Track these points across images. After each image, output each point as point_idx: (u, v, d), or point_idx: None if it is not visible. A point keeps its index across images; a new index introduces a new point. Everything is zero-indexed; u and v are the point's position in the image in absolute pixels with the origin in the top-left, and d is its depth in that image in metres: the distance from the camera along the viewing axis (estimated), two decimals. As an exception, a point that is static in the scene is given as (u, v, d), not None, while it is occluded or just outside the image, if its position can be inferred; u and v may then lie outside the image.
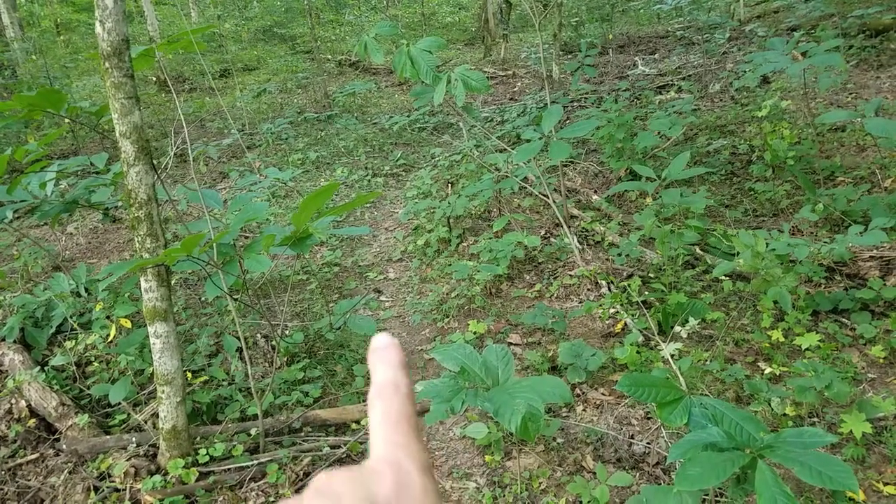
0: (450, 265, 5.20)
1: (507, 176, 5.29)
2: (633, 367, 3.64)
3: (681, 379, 2.59)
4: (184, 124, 3.53)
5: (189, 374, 3.71)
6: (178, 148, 4.24)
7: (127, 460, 3.07)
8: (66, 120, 3.80)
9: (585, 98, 8.99)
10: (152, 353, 2.87)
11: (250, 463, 3.07)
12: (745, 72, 9.34)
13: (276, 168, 7.66)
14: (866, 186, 5.22)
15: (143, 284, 2.76)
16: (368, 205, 6.99)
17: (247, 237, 6.02)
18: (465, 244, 5.54)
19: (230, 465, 3.08)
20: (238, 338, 4.11)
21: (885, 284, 3.73)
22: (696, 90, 9.09)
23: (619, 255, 4.51)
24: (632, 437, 3.18)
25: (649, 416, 3.34)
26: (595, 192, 6.46)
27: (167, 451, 3.02)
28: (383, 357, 0.46)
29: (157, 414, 3.14)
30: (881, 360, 3.46)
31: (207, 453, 3.04)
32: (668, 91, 9.29)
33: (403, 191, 7.23)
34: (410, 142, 8.86)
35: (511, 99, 10.59)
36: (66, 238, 7.38)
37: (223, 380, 3.68)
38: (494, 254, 4.86)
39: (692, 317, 3.99)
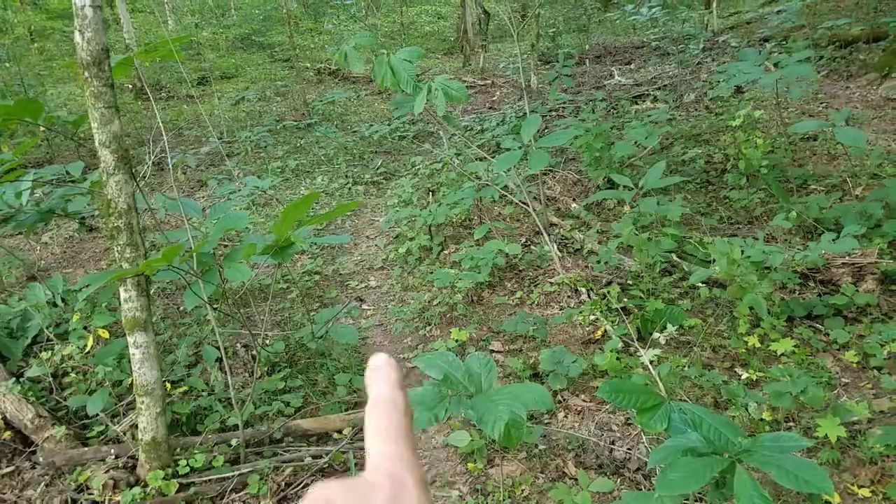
0: (431, 273, 5.22)
1: (487, 184, 5.33)
2: (613, 374, 3.68)
3: (660, 385, 2.62)
4: (163, 132, 3.51)
5: (168, 385, 3.67)
6: (156, 156, 4.22)
7: (105, 472, 3.03)
8: (42, 129, 3.75)
9: (563, 107, 9.08)
10: (132, 364, 2.85)
11: (231, 474, 3.05)
12: (718, 82, 9.52)
13: (255, 176, 7.65)
14: (838, 194, 5.35)
15: (123, 294, 2.74)
16: (349, 213, 6.99)
17: (226, 246, 5.99)
18: (446, 252, 5.56)
19: (211, 476, 3.05)
20: (217, 348, 4.09)
21: (857, 290, 3.82)
22: (671, 100, 9.23)
23: (598, 262, 4.56)
24: (612, 443, 3.21)
25: (629, 422, 3.38)
26: (574, 200, 6.52)
27: (147, 463, 2.99)
28: (381, 374, 0.47)
29: (137, 425, 3.11)
30: (854, 365, 3.54)
31: (188, 464, 3.02)
32: (643, 101, 9.42)
33: (384, 199, 7.24)
34: (391, 150, 8.88)
35: (490, 108, 10.66)
36: (42, 248, 7.27)
37: (202, 390, 3.65)
38: (476, 261, 4.89)
39: (670, 323, 4.05)
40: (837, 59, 9.07)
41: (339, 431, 3.46)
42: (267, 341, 4.31)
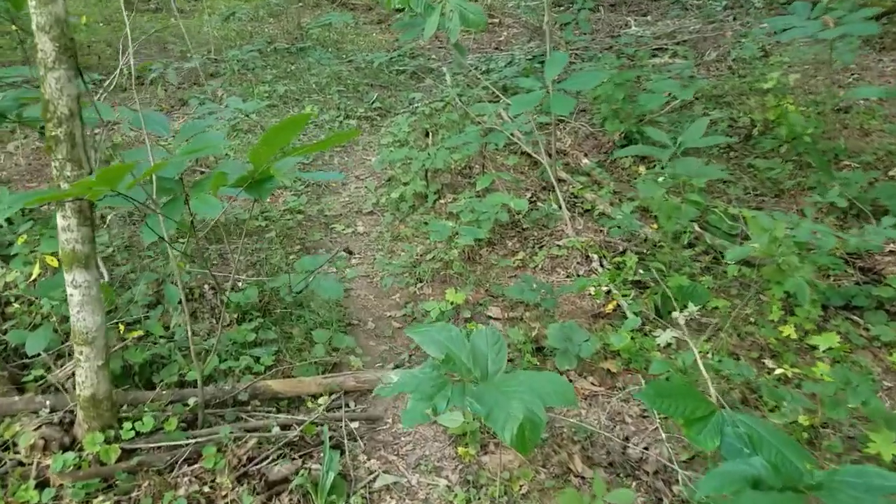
0: (426, 223, 4.73)
1: (495, 129, 4.79)
2: (627, 356, 3.27)
3: (710, 386, 2.20)
4: (129, 38, 2.96)
5: (122, 327, 3.19)
6: (125, 64, 3.64)
7: (36, 429, 2.58)
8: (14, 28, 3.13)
9: (576, 54, 8.46)
10: (69, 307, 2.36)
11: (185, 442, 2.60)
12: (742, 41, 8.95)
13: (239, 98, 7.01)
14: (876, 173, 4.90)
15: (60, 222, 2.23)
16: (339, 148, 6.42)
17: (202, 172, 5.42)
18: (442, 201, 5.06)
19: (160, 442, 2.61)
20: (183, 288, 3.60)
21: (905, 283, 3.41)
22: (691, 56, 8.65)
23: (617, 227, 4.09)
24: (627, 438, 2.81)
25: (645, 413, 2.98)
26: (586, 155, 6.01)
27: (85, 422, 2.53)
28: None
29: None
30: (898, 367, 3.15)
31: (133, 428, 2.57)
32: (663, 55, 8.83)
33: (378, 136, 6.67)
34: (388, 84, 8.24)
35: (496, 48, 9.98)
36: (5, 157, 6.63)
37: (161, 336, 3.18)
38: (476, 215, 4.40)
39: (693, 302, 3.63)
40: (872, 28, 8.48)
41: (315, 397, 3.02)
42: (239, 284, 3.83)
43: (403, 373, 2.05)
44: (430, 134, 6.40)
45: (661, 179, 5.13)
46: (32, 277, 3.53)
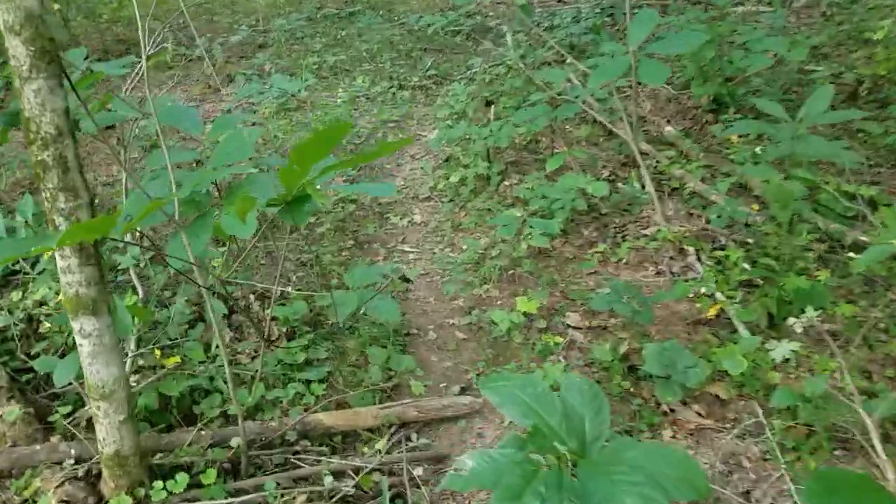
0: (489, 210, 4.23)
1: (567, 99, 4.21)
2: (739, 378, 2.73)
3: (875, 440, 1.67)
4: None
5: (157, 353, 2.85)
6: (155, 44, 3.23)
7: (59, 486, 2.27)
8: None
9: (648, 4, 7.65)
10: (80, 358, 2.00)
11: (226, 502, 2.25)
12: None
13: (287, 74, 6.59)
14: None
15: (59, 262, 1.85)
16: (391, 124, 5.94)
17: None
18: (507, 183, 4.54)
19: (197, 501, 2.26)
20: (226, 299, 3.24)
21: None
22: (777, 3, 7.71)
23: (717, 216, 3.50)
24: (747, 493, 2.31)
25: (767, 457, 2.46)
26: (668, 121, 5.35)
27: (111, 480, 2.20)
28: None
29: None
30: None
31: (164, 488, 2.22)
32: (747, 1, 7.91)
33: (433, 108, 6.15)
34: (443, 48, 7.66)
35: (560, 1, 9.21)
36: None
37: (201, 362, 2.82)
38: (548, 202, 3.88)
39: (811, 306, 3.05)
40: None
41: (371, 430, 2.63)
42: (289, 289, 3.45)
43: (479, 456, 1.60)
44: (491, 104, 5.85)
45: (758, 150, 4.47)
46: (61, 297, 3.23)
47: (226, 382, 2.79)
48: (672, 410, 2.66)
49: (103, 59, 6.89)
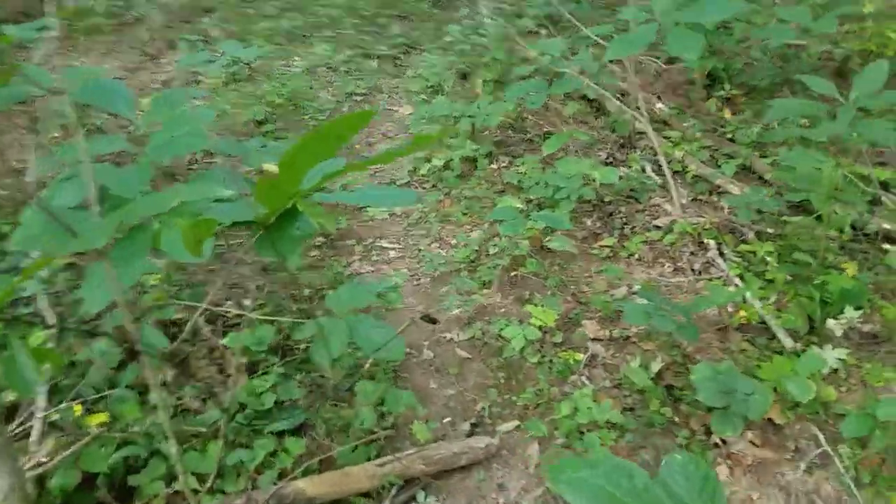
0: (478, 198, 3.75)
1: (566, 72, 3.72)
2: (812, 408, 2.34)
3: None
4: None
5: (77, 410, 2.21)
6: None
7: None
8: None
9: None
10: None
11: None
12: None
13: (237, 41, 5.89)
14: None
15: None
16: (359, 97, 5.36)
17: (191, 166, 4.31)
18: (495, 166, 4.06)
19: None
20: (173, 325, 2.65)
21: None
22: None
23: (745, 208, 3.09)
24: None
25: (843, 495, 2.08)
26: (658, 97, 4.93)
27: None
28: None
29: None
30: None
31: None
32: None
33: (403, 80, 5.59)
34: (410, 14, 7.05)
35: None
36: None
37: (136, 419, 2.21)
38: (550, 191, 3.41)
39: (850, 306, 2.71)
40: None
41: (367, 495, 2.13)
42: (247, 303, 2.91)
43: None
44: (467, 76, 5.33)
45: (755, 129, 4.10)
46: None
47: (171, 439, 2.24)
48: (724, 442, 2.25)
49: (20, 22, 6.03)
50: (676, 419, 2.35)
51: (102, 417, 2.08)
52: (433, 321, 2.83)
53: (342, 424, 2.40)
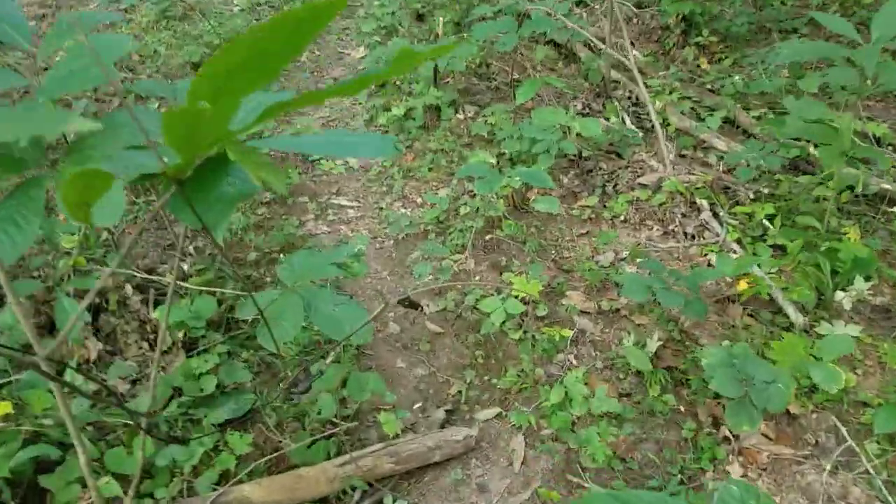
0: (444, 151, 3.37)
1: (543, 9, 3.35)
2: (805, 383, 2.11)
3: None
4: None
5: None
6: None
7: None
8: None
9: None
10: None
11: None
12: None
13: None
14: None
15: None
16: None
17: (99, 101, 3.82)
18: (461, 116, 3.67)
19: None
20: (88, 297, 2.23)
21: None
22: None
23: (748, 167, 2.81)
24: (865, 559, 1.70)
25: (873, 496, 1.85)
26: (632, 44, 4.60)
27: None
28: None
29: None
30: None
31: None
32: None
33: (356, 20, 5.09)
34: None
35: None
36: None
37: (46, 409, 1.82)
38: (526, 144, 3.06)
39: (860, 275, 2.49)
40: None
41: (325, 500, 1.79)
42: (185, 268, 2.50)
43: None
44: (422, 17, 4.87)
45: (737, 79, 3.83)
46: None
47: (91, 433, 1.85)
48: (735, 436, 2.00)
49: None
50: (681, 408, 2.08)
51: (6, 406, 1.66)
52: (415, 306, 2.48)
53: (296, 413, 2.05)
